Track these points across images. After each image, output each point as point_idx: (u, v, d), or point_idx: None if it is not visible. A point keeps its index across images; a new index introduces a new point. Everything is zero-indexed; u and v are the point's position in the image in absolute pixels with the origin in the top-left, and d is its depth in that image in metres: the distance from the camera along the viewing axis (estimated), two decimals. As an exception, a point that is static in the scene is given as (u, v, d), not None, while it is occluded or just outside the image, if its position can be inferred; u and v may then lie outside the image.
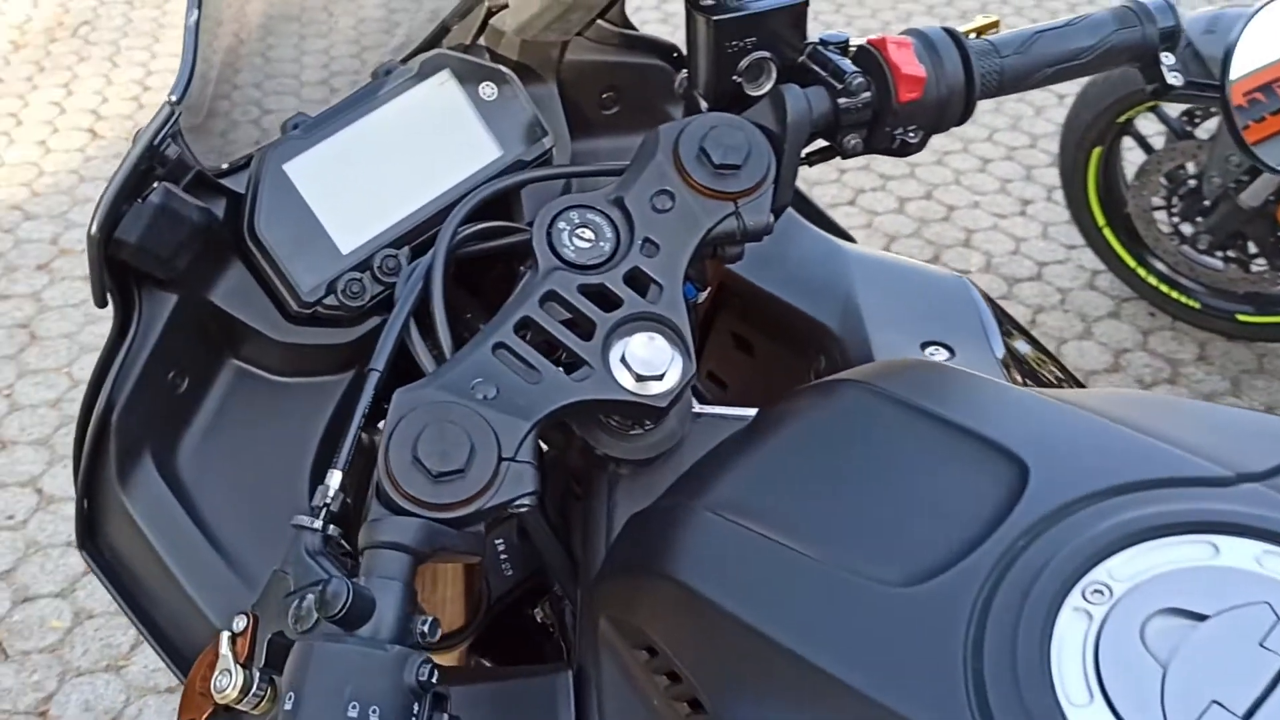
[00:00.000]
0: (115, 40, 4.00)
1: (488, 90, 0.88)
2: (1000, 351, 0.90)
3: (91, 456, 0.77)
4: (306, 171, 0.82)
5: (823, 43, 0.80)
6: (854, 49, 0.80)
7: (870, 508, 0.64)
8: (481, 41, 0.92)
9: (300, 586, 0.62)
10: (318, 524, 0.64)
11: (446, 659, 1.04)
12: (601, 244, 0.75)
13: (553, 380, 0.69)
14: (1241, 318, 2.69)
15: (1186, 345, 2.79)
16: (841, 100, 0.78)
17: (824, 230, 1.03)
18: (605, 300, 0.73)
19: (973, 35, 0.95)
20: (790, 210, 1.03)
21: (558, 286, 0.72)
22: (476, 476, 0.64)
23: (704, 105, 0.82)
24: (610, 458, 0.76)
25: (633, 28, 0.95)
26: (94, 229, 0.62)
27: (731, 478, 0.70)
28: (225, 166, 0.85)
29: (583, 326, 0.72)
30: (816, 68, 0.80)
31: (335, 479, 0.66)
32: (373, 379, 0.71)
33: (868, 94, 0.78)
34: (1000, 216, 3.26)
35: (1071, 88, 2.85)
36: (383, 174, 0.84)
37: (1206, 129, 2.56)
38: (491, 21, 0.91)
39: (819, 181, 3.40)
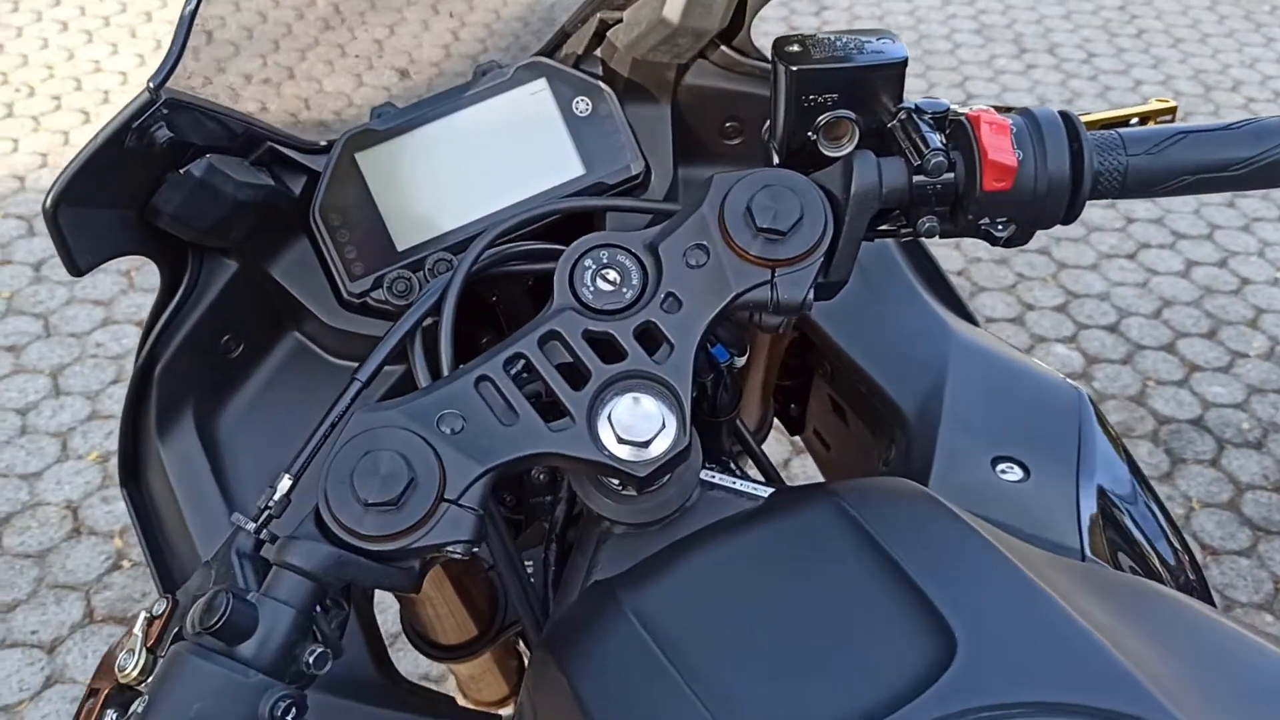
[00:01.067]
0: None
1: (582, 105, 0.85)
2: (1092, 486, 0.78)
3: (134, 405, 0.81)
4: (378, 163, 0.82)
5: (917, 109, 0.72)
6: (953, 120, 0.71)
7: (789, 648, 0.57)
8: (597, 53, 0.89)
9: (214, 585, 0.62)
10: (252, 526, 0.64)
11: (466, 668, 1.03)
12: (624, 290, 0.70)
13: (527, 426, 0.66)
14: None
15: None
16: (917, 178, 0.70)
17: (941, 302, 0.94)
18: (611, 351, 0.69)
19: (1134, 121, 0.83)
20: (906, 274, 0.94)
21: (562, 327, 0.69)
22: (410, 513, 0.62)
23: (776, 159, 0.76)
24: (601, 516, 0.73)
25: (762, 57, 0.89)
26: (47, 202, 0.64)
27: (674, 579, 0.65)
28: (323, 144, 0.86)
29: (578, 375, 0.68)
30: (901, 136, 0.71)
31: (284, 484, 0.66)
32: (352, 388, 0.70)
33: (949, 175, 0.69)
34: (1301, 300, 2.90)
35: None
36: (456, 175, 0.83)
37: None
38: (608, 34, 0.87)
39: (1098, 227, 3.14)
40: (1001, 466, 0.78)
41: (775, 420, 1.12)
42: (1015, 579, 0.57)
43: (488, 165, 0.84)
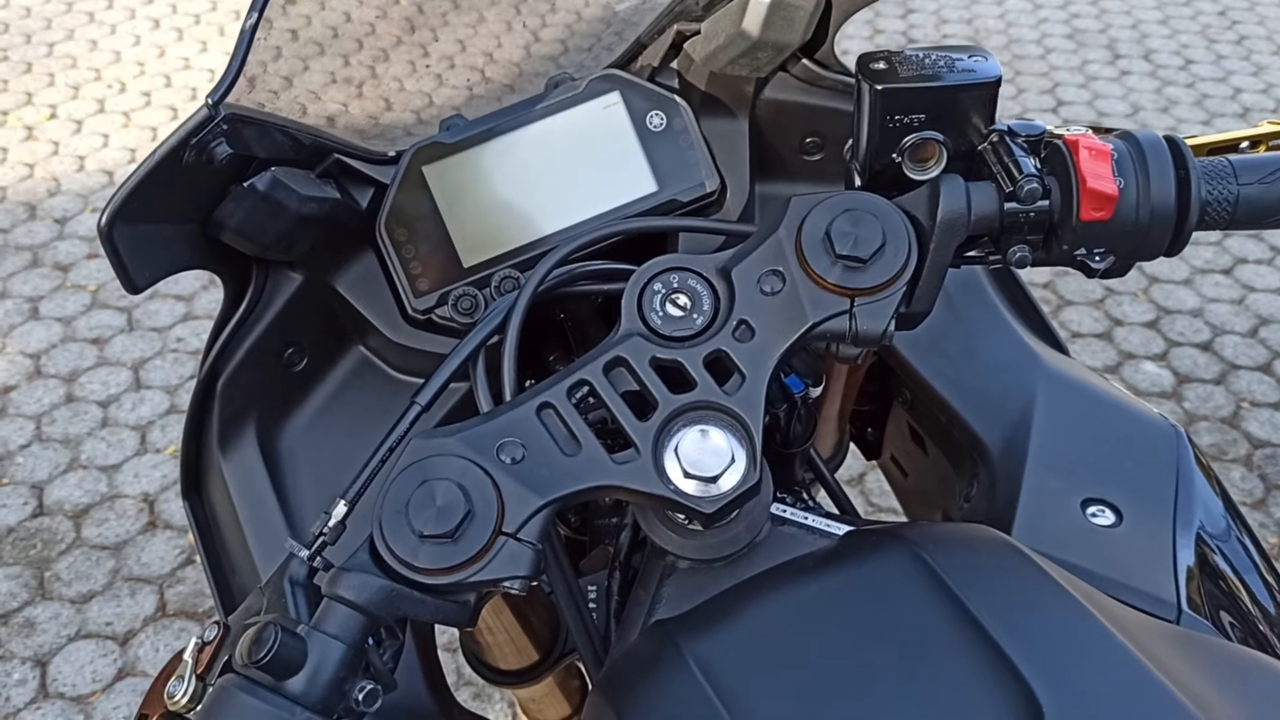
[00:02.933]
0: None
1: (656, 120, 0.82)
2: (1189, 532, 0.73)
3: (196, 417, 0.80)
4: (446, 176, 0.80)
5: (1010, 131, 0.68)
6: (1049, 144, 0.67)
7: (856, 707, 0.53)
8: (674, 66, 0.86)
9: (266, 613, 0.61)
10: (305, 554, 0.62)
11: (531, 691, 1.01)
12: (695, 316, 0.67)
13: (590, 457, 0.63)
14: None
15: None
16: (1009, 205, 0.65)
17: (1030, 330, 0.89)
18: (680, 380, 0.66)
19: (1244, 146, 0.78)
20: (993, 299, 0.90)
21: (629, 354, 0.66)
22: (466, 546, 0.59)
23: (858, 180, 0.72)
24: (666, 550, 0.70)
25: (845, 70, 0.86)
26: (102, 221, 0.63)
27: (738, 626, 0.62)
28: (391, 154, 0.85)
29: (645, 404, 0.65)
30: (992, 160, 0.67)
31: (339, 510, 0.64)
32: (411, 412, 0.68)
33: (1044, 202, 0.65)
34: None
35: None
36: (525, 190, 0.81)
37: None
38: (685, 46, 0.84)
39: (1193, 241, 3.02)
40: (1092, 509, 0.74)
41: (852, 445, 1.08)
42: (1106, 643, 0.53)
43: (558, 180, 0.81)
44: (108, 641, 2.05)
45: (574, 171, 0.82)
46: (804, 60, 0.84)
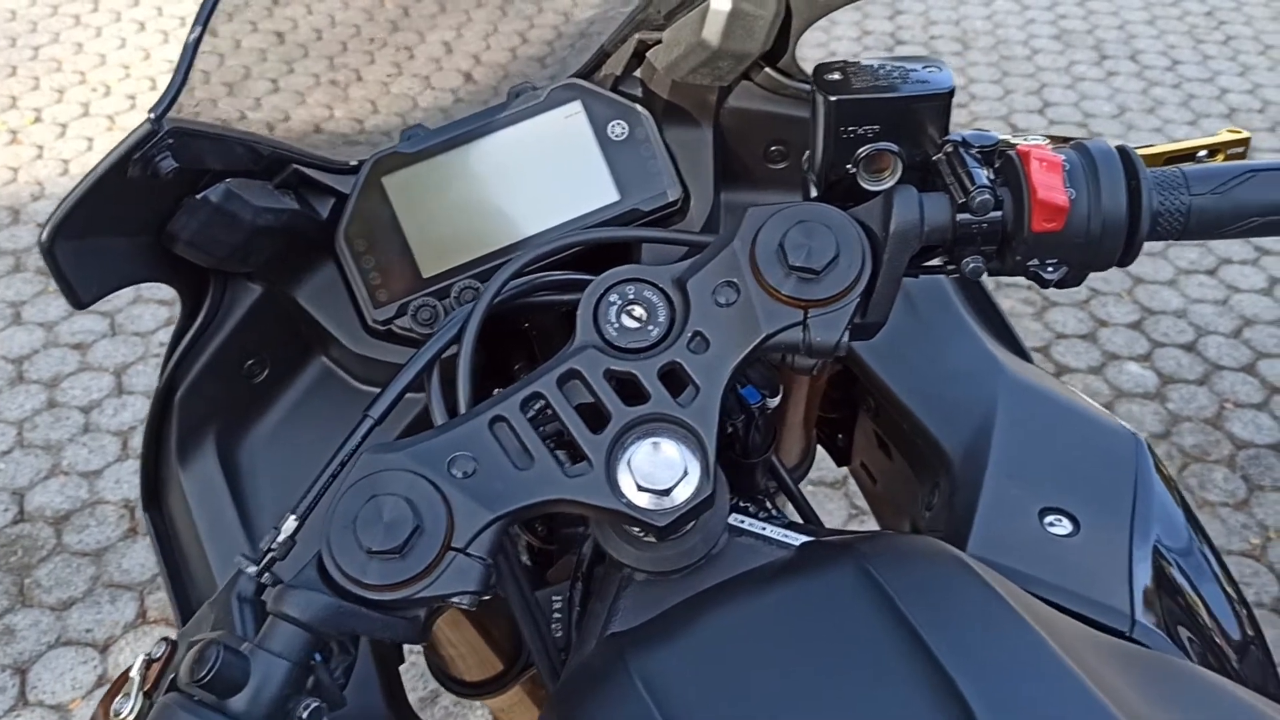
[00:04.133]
0: (507, -10, 4.24)
1: (618, 129, 0.82)
2: (1146, 541, 0.73)
3: (155, 429, 0.80)
4: (406, 187, 0.80)
5: (964, 142, 0.67)
6: (1002, 155, 0.67)
7: None
8: (637, 75, 0.86)
9: (212, 630, 0.60)
10: (253, 569, 0.62)
11: (500, 701, 1.01)
12: (650, 328, 0.67)
13: (542, 471, 0.63)
14: None
15: None
16: (962, 216, 0.65)
17: (994, 337, 0.89)
18: (636, 392, 0.66)
19: (1203, 154, 0.78)
20: (957, 306, 0.89)
21: (584, 366, 0.66)
22: (414, 561, 0.59)
23: (814, 191, 0.72)
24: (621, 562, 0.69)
25: (808, 79, 0.85)
26: (43, 237, 0.62)
27: (685, 642, 0.61)
28: (353, 164, 0.84)
29: (599, 416, 0.65)
30: (946, 171, 0.67)
31: (289, 524, 0.64)
32: (363, 426, 0.68)
33: (996, 213, 0.65)
34: (1393, 322, 2.76)
35: None
36: (486, 200, 0.81)
37: None
38: (647, 55, 0.84)
39: (1180, 242, 3.03)
40: (1050, 519, 0.74)
41: (823, 451, 1.08)
42: (1046, 660, 0.53)
43: (519, 190, 0.81)
44: (88, 649, 2.04)
45: (535, 181, 0.81)
46: (767, 69, 0.84)
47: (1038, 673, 0.53)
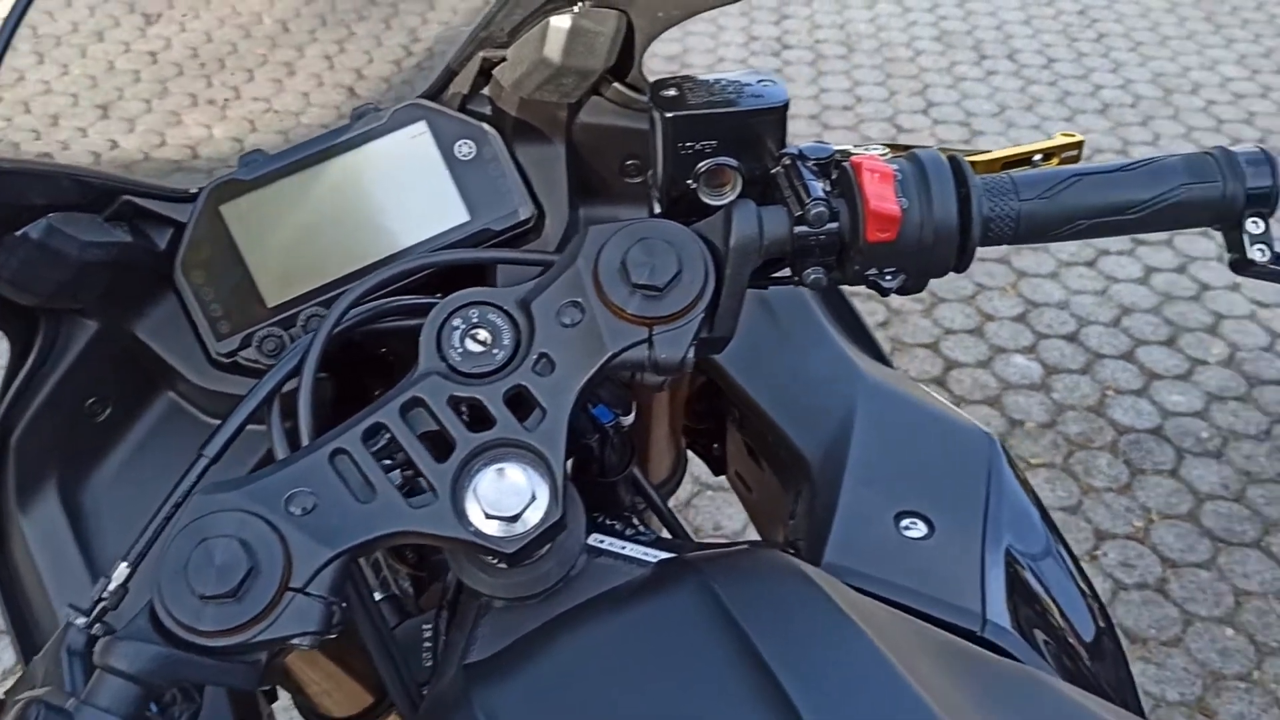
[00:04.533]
0: (394, 2, 4.19)
1: (465, 148, 0.81)
2: (998, 540, 0.74)
3: None
4: (245, 214, 0.78)
5: (801, 155, 0.68)
6: (838, 166, 0.67)
7: None
8: (485, 93, 0.85)
9: (41, 685, 0.58)
10: (82, 620, 0.59)
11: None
12: (495, 351, 0.66)
13: (385, 503, 0.62)
14: None
15: None
16: (799, 228, 0.66)
17: (854, 343, 0.90)
18: (482, 417, 0.65)
19: (1038, 158, 0.79)
20: (817, 314, 0.90)
21: (427, 393, 0.65)
22: (250, 604, 0.57)
23: (657, 207, 0.72)
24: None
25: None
26: None
27: (529, 673, 0.61)
28: (193, 191, 0.82)
29: (445, 444, 0.64)
30: (784, 184, 0.67)
31: (120, 571, 0.61)
32: (198, 465, 0.66)
33: (833, 224, 0.66)
34: (1261, 305, 2.87)
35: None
36: (331, 225, 0.79)
37: None
38: (494, 73, 0.83)
39: (1058, 235, 3.11)
40: (905, 522, 0.75)
41: (704, 461, 1.08)
42: (877, 670, 0.53)
43: (365, 213, 0.79)
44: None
45: (382, 203, 0.80)
46: (616, 84, 0.83)
47: (868, 683, 0.53)
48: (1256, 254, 0.68)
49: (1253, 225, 0.68)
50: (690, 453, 1.09)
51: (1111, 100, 3.77)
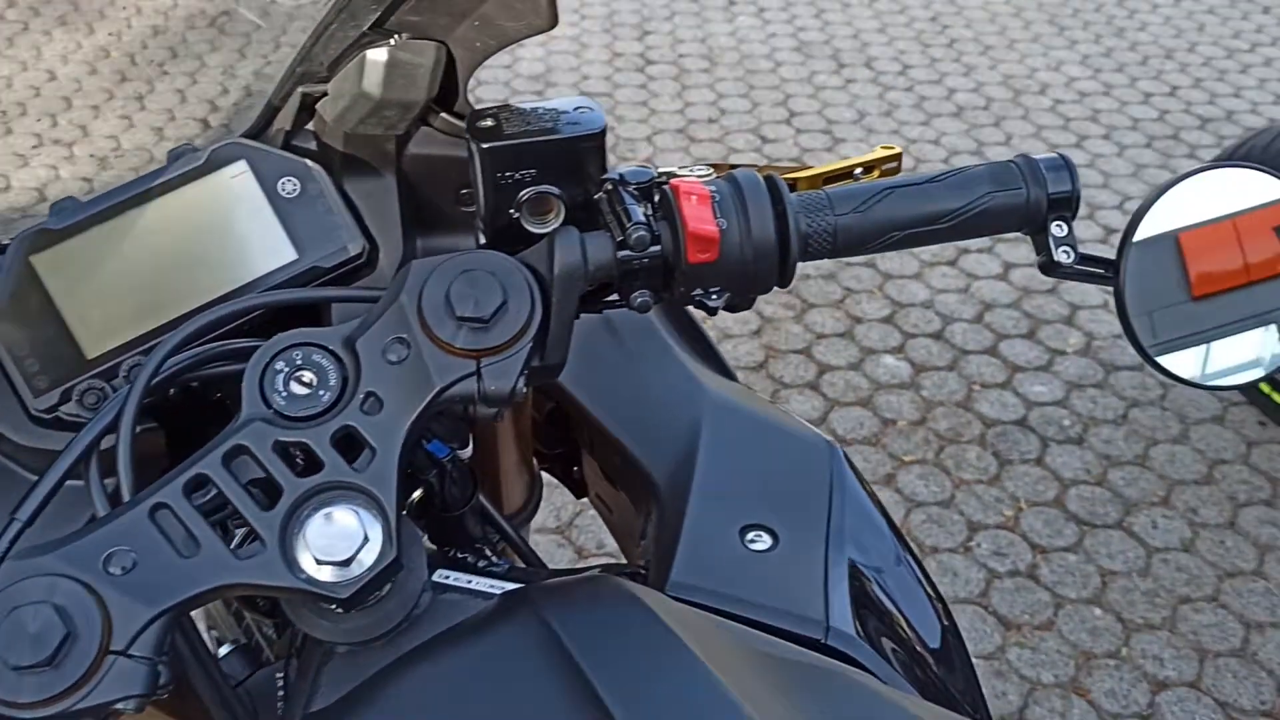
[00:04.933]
0: (248, 32, 4.11)
1: (289, 186, 0.79)
2: (841, 546, 0.76)
3: None
4: (59, 264, 0.75)
5: (622, 180, 0.68)
6: (659, 190, 0.68)
7: None
8: (310, 128, 0.83)
9: None
10: None
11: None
12: (321, 393, 0.65)
13: (210, 557, 0.60)
14: (1363, 442, 2.39)
15: (1296, 464, 2.50)
16: (623, 253, 0.66)
17: (699, 359, 0.91)
18: (311, 461, 0.63)
19: (859, 171, 0.81)
20: (661, 334, 0.91)
21: (250, 440, 0.63)
22: (69, 671, 0.55)
23: (483, 238, 0.71)
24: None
25: None
26: None
27: (371, 714, 0.60)
28: (3, 243, 0.79)
29: (274, 491, 0.63)
30: (606, 210, 0.68)
31: None
32: (11, 530, 0.63)
33: (655, 248, 0.66)
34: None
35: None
36: (153, 271, 0.77)
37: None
38: (317, 108, 0.82)
39: (921, 237, 3.20)
40: (750, 536, 0.75)
41: (565, 485, 1.08)
42: (708, 694, 0.54)
43: (187, 257, 0.77)
44: None
45: (204, 246, 0.78)
46: (443, 114, 0.83)
47: (693, 704, 0.53)
48: (1062, 256, 0.70)
49: (1057, 229, 0.71)
50: (551, 477, 1.08)
51: (965, 103, 3.90)
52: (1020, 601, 2.19)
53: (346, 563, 0.61)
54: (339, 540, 0.61)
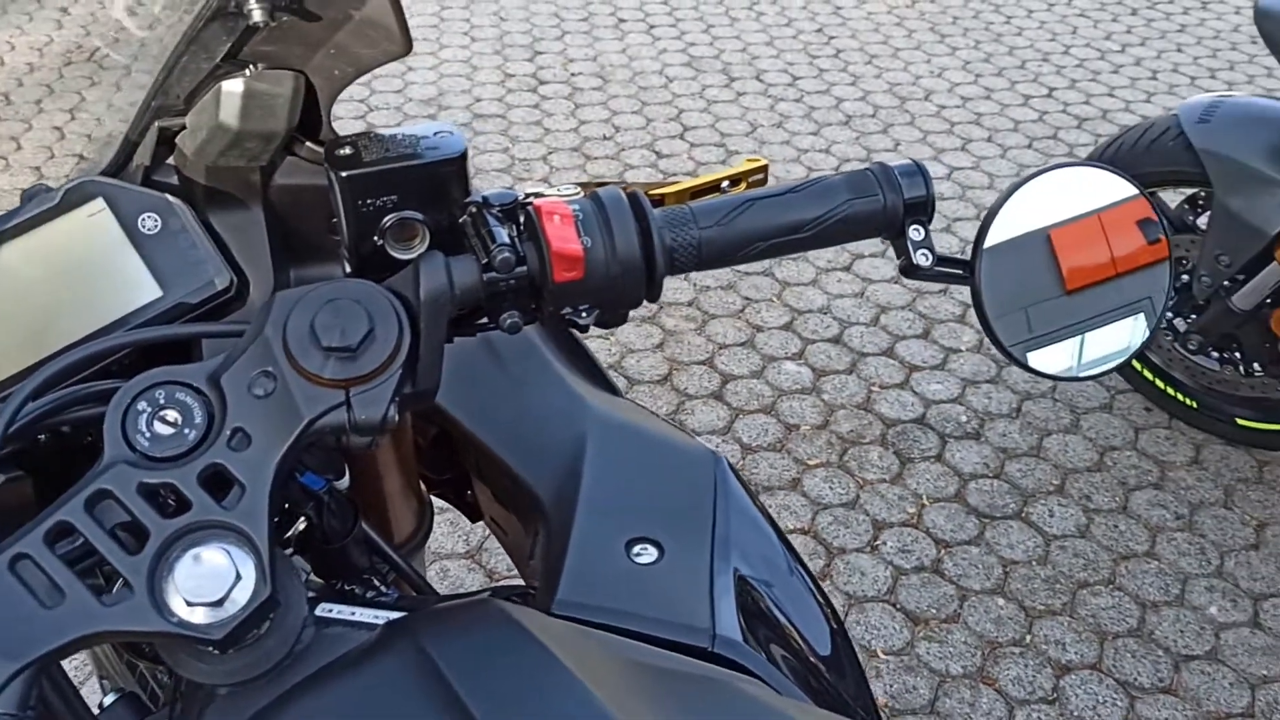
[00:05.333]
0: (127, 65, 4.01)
1: (150, 222, 0.78)
2: (726, 555, 0.77)
3: None
4: None
5: (486, 202, 0.69)
6: (524, 211, 0.69)
7: None
8: (171, 162, 0.82)
9: None
10: None
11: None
12: (187, 431, 0.64)
13: (75, 605, 0.59)
14: (1241, 422, 2.50)
15: (1181, 447, 2.60)
16: (489, 275, 0.66)
17: (582, 375, 0.91)
18: (179, 502, 0.62)
19: (726, 184, 0.83)
20: (543, 352, 0.91)
21: (114, 484, 0.62)
22: None
23: (348, 267, 0.71)
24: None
25: None
26: None
27: None
28: None
29: (141, 534, 0.61)
30: (471, 233, 0.68)
31: None
32: None
33: (522, 269, 0.67)
34: (1002, 292, 3.07)
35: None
36: (9, 317, 0.75)
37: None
38: (177, 141, 0.81)
39: (816, 244, 3.26)
40: (636, 549, 0.76)
41: (460, 509, 1.07)
42: (585, 711, 0.54)
43: (46, 300, 0.75)
44: None
45: (66, 288, 0.76)
46: (308, 143, 0.82)
47: None
48: (921, 259, 0.73)
49: (914, 232, 0.73)
50: (445, 502, 1.08)
51: (853, 112, 3.98)
52: (926, 596, 2.24)
53: (219, 603, 0.61)
54: (209, 580, 0.60)
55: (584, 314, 0.68)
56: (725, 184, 0.82)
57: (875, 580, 2.27)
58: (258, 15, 0.67)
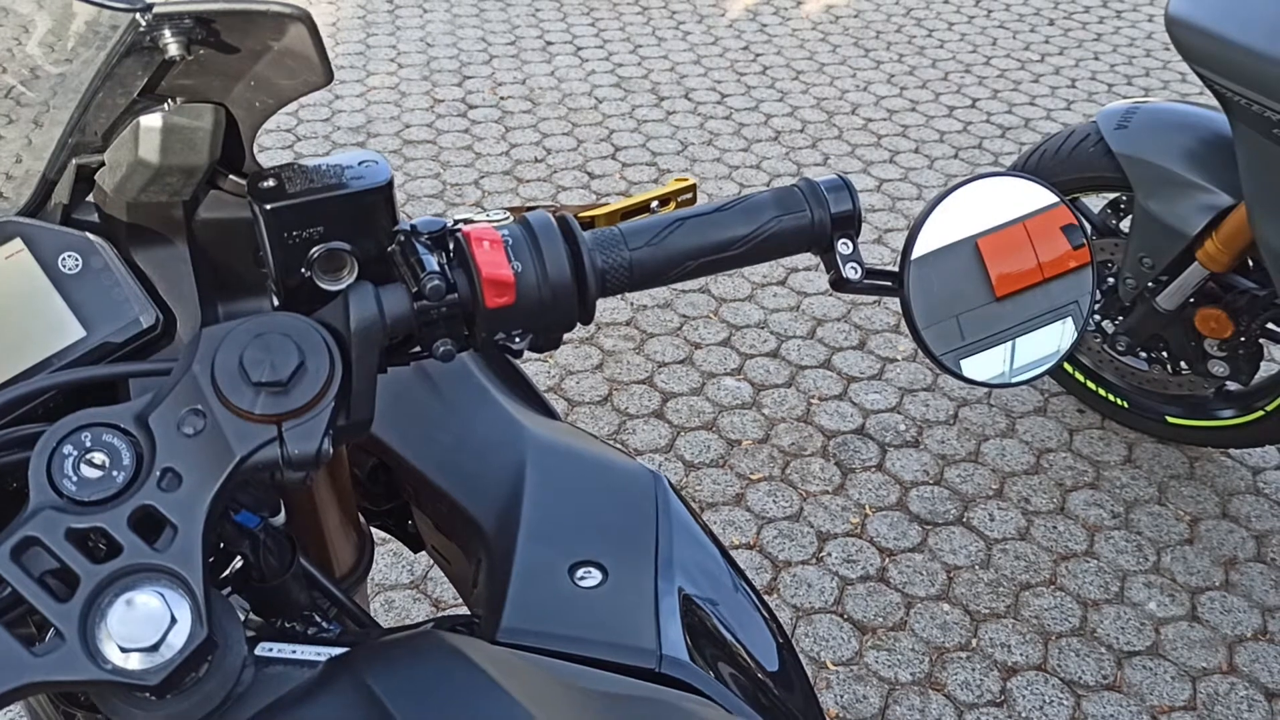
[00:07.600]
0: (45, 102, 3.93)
1: (70, 262, 0.76)
2: (670, 575, 0.77)
3: None
4: None
5: (414, 230, 0.68)
6: (454, 238, 0.68)
7: None
8: (91, 200, 0.81)
9: None
10: None
11: None
12: (115, 474, 0.62)
13: (4, 657, 0.57)
14: (1171, 420, 2.55)
15: (1114, 446, 2.65)
16: (420, 303, 0.66)
17: (520, 400, 0.91)
18: (110, 546, 0.61)
19: (655, 204, 0.83)
20: (478, 378, 0.91)
21: (40, 530, 0.60)
22: None
23: (276, 301, 0.70)
24: None
25: None
26: None
27: None
28: None
29: (70, 580, 0.60)
30: (400, 261, 0.68)
31: None
32: None
33: (453, 296, 0.66)
34: (934, 300, 3.12)
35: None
36: (-74, 365, 0.73)
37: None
38: (96, 178, 0.79)
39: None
40: (580, 573, 0.76)
41: (401, 540, 1.06)
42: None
43: (-35, 345, 0.73)
44: None
45: (-16, 331, 0.74)
46: (231, 176, 0.81)
47: None
48: (850, 272, 0.73)
49: (843, 246, 0.73)
50: (386, 533, 1.06)
51: (782, 127, 4.03)
52: (873, 605, 2.25)
53: (154, 647, 0.59)
54: (143, 625, 0.59)
55: (517, 339, 0.68)
56: (655, 204, 0.82)
57: (822, 591, 2.28)
58: (173, 49, 0.66)
